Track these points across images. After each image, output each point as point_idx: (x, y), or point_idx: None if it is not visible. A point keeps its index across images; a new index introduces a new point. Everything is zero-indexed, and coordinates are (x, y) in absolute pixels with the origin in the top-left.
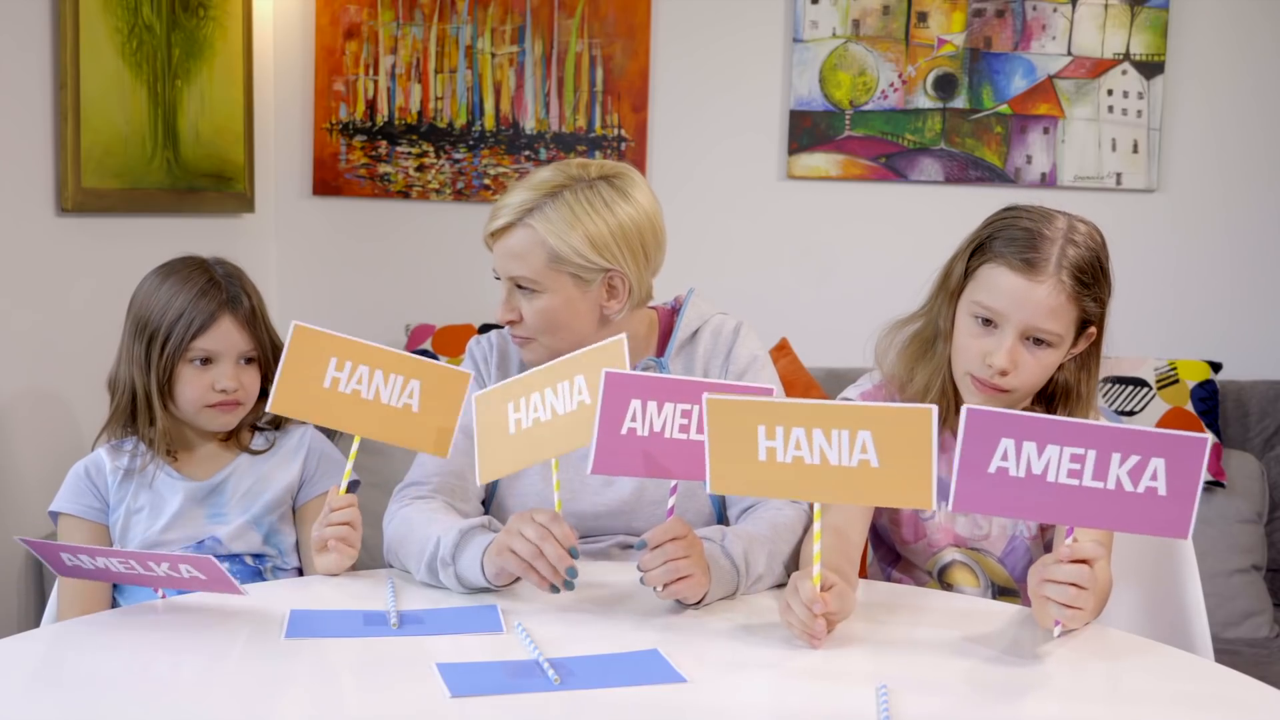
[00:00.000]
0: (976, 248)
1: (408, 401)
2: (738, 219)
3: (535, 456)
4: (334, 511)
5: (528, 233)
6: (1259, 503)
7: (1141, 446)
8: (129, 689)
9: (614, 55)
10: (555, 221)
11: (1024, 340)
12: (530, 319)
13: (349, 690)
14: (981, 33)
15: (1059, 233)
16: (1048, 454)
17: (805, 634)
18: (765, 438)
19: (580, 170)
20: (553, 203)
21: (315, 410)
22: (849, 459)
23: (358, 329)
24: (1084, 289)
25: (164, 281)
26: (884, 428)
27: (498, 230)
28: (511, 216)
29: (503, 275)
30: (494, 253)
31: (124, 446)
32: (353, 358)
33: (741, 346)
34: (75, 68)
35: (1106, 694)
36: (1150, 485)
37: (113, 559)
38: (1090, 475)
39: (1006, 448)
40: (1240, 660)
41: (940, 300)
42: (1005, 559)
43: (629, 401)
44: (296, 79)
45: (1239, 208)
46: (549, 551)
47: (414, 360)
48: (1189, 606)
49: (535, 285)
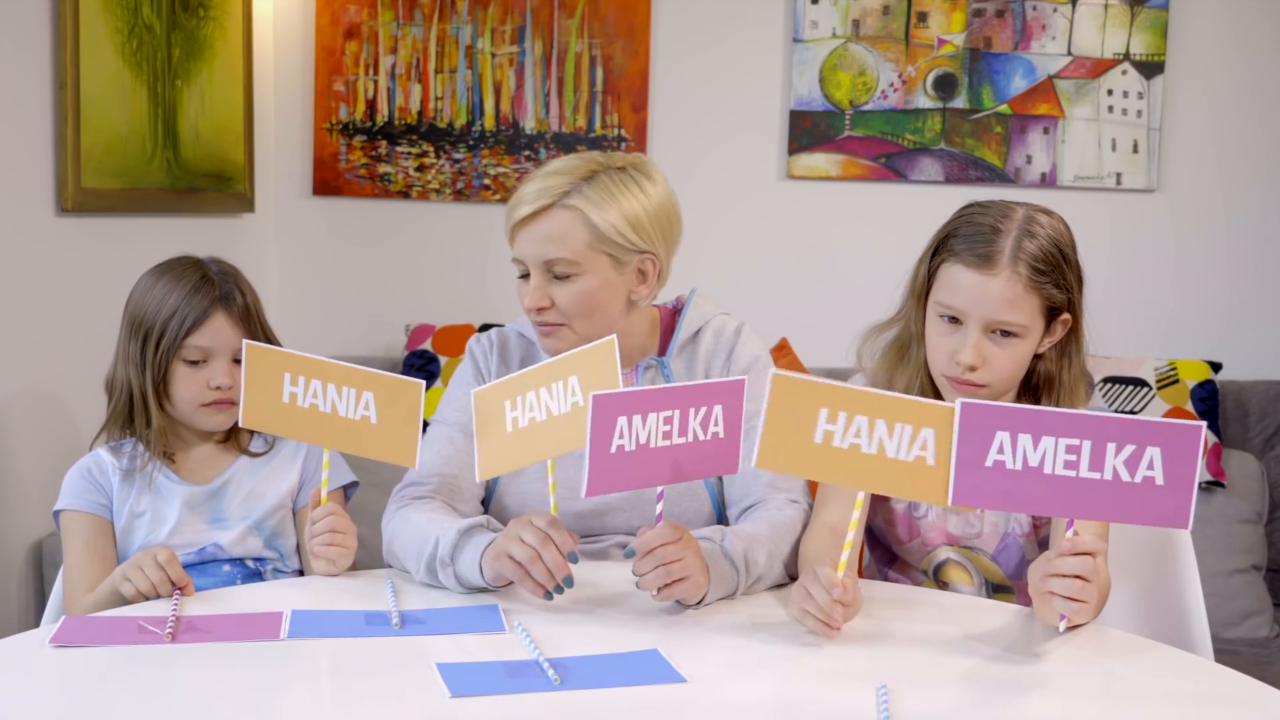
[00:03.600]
0: (937, 247)
1: (365, 414)
2: (738, 219)
3: (531, 457)
4: (314, 524)
5: (568, 213)
6: (1259, 503)
7: (1136, 436)
8: (129, 689)
9: (614, 55)
10: (596, 201)
11: (989, 334)
12: (565, 303)
13: (349, 690)
14: (981, 33)
15: (1014, 225)
16: (1043, 446)
17: (823, 622)
18: (826, 420)
19: (605, 158)
20: (589, 184)
21: (282, 424)
22: (906, 454)
23: (358, 329)
24: (1042, 276)
25: (158, 280)
26: (949, 426)
27: (535, 213)
28: (549, 198)
29: (534, 260)
30: (521, 239)
31: (123, 448)
32: (305, 373)
33: (743, 347)
34: (75, 68)
35: (1106, 693)
36: (1148, 475)
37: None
38: (1086, 466)
39: (1002, 440)
40: (1240, 660)
41: (910, 304)
42: (998, 556)
43: (616, 420)
44: (296, 79)
45: (1239, 208)
46: (548, 558)
47: (363, 372)
48: (1189, 606)
49: (574, 268)
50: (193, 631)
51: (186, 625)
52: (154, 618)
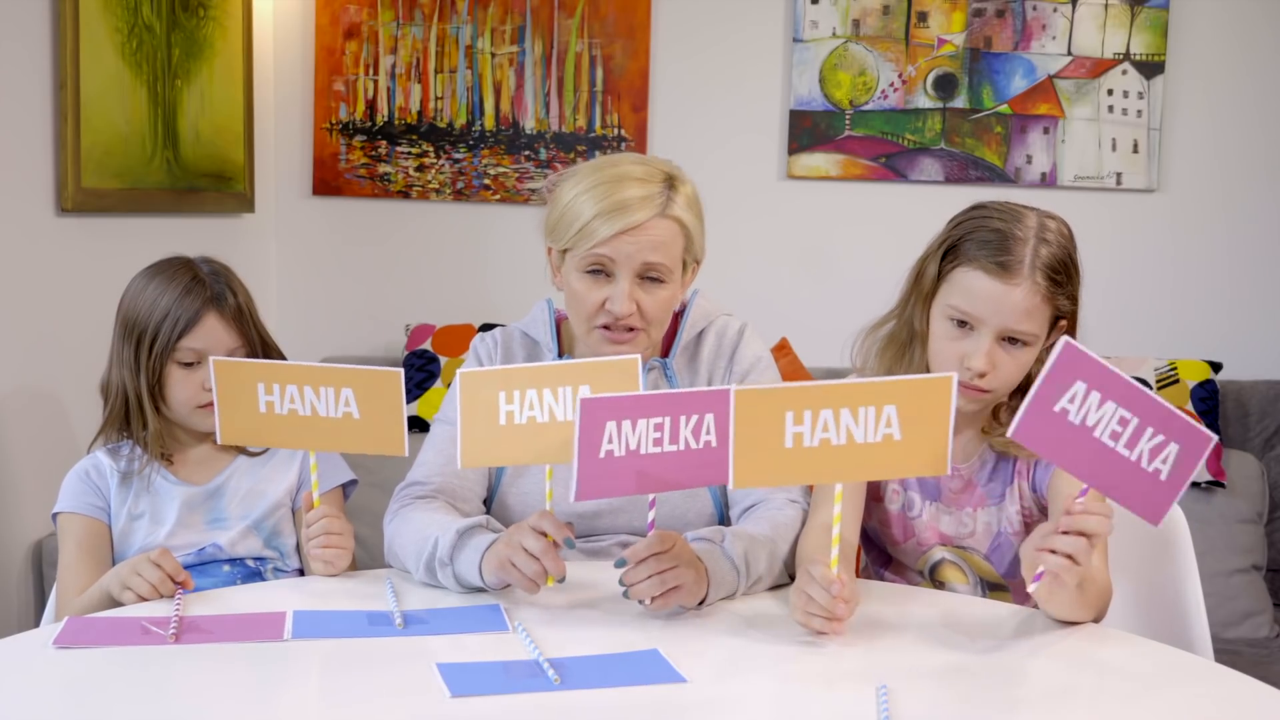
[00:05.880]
0: (948, 250)
1: (346, 410)
2: (738, 219)
3: (526, 457)
4: (309, 527)
5: (671, 222)
6: (1259, 503)
7: (1171, 428)
8: (130, 689)
9: (614, 55)
10: (686, 210)
11: (1000, 341)
12: (652, 309)
13: (349, 690)
14: (981, 32)
15: (1030, 232)
16: (1104, 410)
17: (826, 619)
18: (793, 423)
19: (660, 162)
20: (676, 193)
21: (262, 434)
22: (874, 435)
23: (358, 329)
24: (1058, 288)
25: (149, 282)
26: (909, 399)
27: (645, 221)
28: (657, 207)
29: (630, 265)
30: (622, 243)
31: (120, 450)
32: (279, 379)
33: (746, 348)
34: (75, 68)
35: (1105, 693)
36: (1158, 467)
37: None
38: (1125, 441)
39: (1078, 391)
40: (1240, 660)
41: (913, 302)
42: (991, 556)
43: (605, 425)
44: (296, 79)
45: (1239, 208)
46: (550, 567)
47: (338, 370)
48: (1189, 606)
49: (666, 275)
50: (196, 632)
51: (189, 626)
52: (157, 619)
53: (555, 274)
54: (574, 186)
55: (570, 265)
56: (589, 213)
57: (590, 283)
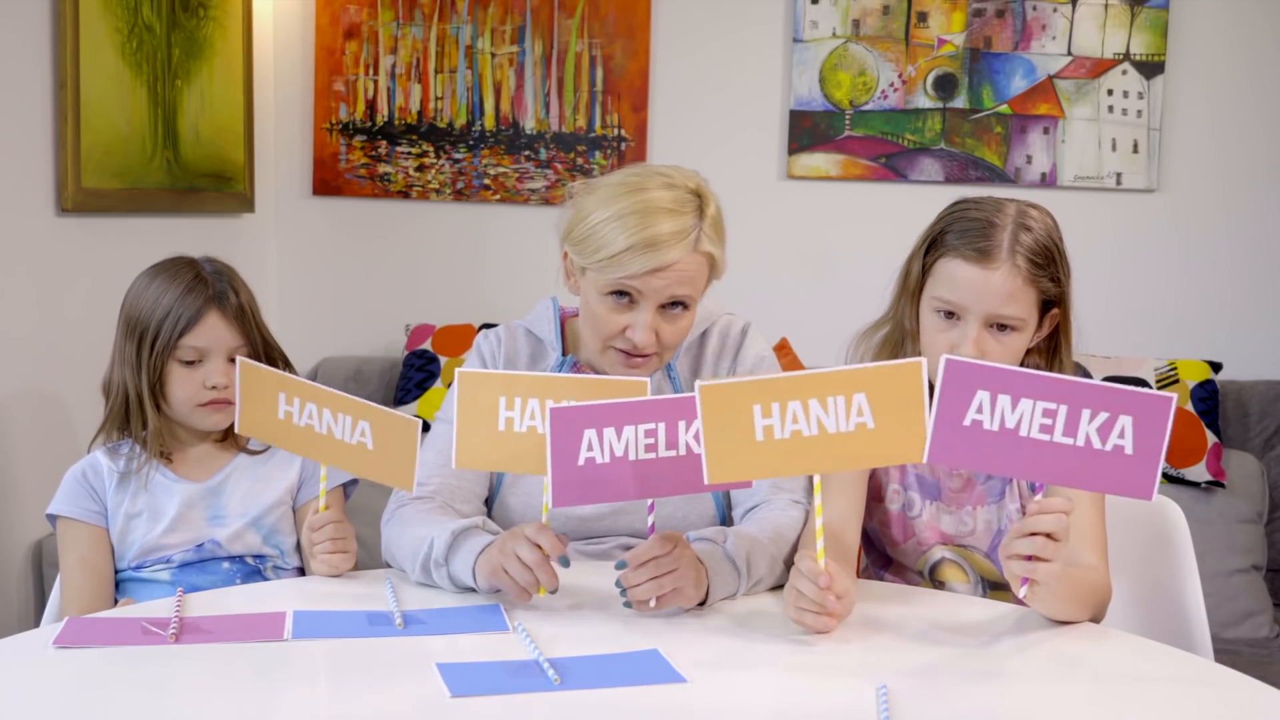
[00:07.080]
0: (930, 244)
1: (361, 440)
2: (738, 219)
3: (523, 466)
4: (314, 531)
5: (700, 257)
6: (1259, 503)
7: (1110, 403)
8: (130, 689)
9: (614, 55)
10: (714, 241)
11: (988, 328)
12: (671, 337)
13: (349, 690)
14: (981, 33)
15: (1009, 219)
16: (1021, 408)
17: (818, 615)
18: (762, 416)
19: (682, 178)
20: (703, 221)
21: (279, 436)
22: (846, 424)
23: (358, 329)
24: (1039, 269)
25: (152, 281)
26: (878, 387)
27: (674, 262)
28: (691, 246)
29: (658, 298)
30: (650, 280)
31: (120, 449)
32: (300, 395)
33: (749, 347)
34: (75, 68)
35: (1105, 692)
36: (1118, 444)
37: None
38: (1061, 431)
39: (982, 400)
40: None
41: (903, 301)
42: (992, 554)
43: (581, 433)
44: (296, 79)
45: (1239, 208)
46: (543, 579)
47: (359, 403)
48: (1189, 606)
49: (690, 302)
50: (196, 632)
51: (189, 626)
52: (157, 619)
53: (569, 278)
54: (602, 208)
55: (591, 283)
56: (619, 244)
57: (612, 305)
